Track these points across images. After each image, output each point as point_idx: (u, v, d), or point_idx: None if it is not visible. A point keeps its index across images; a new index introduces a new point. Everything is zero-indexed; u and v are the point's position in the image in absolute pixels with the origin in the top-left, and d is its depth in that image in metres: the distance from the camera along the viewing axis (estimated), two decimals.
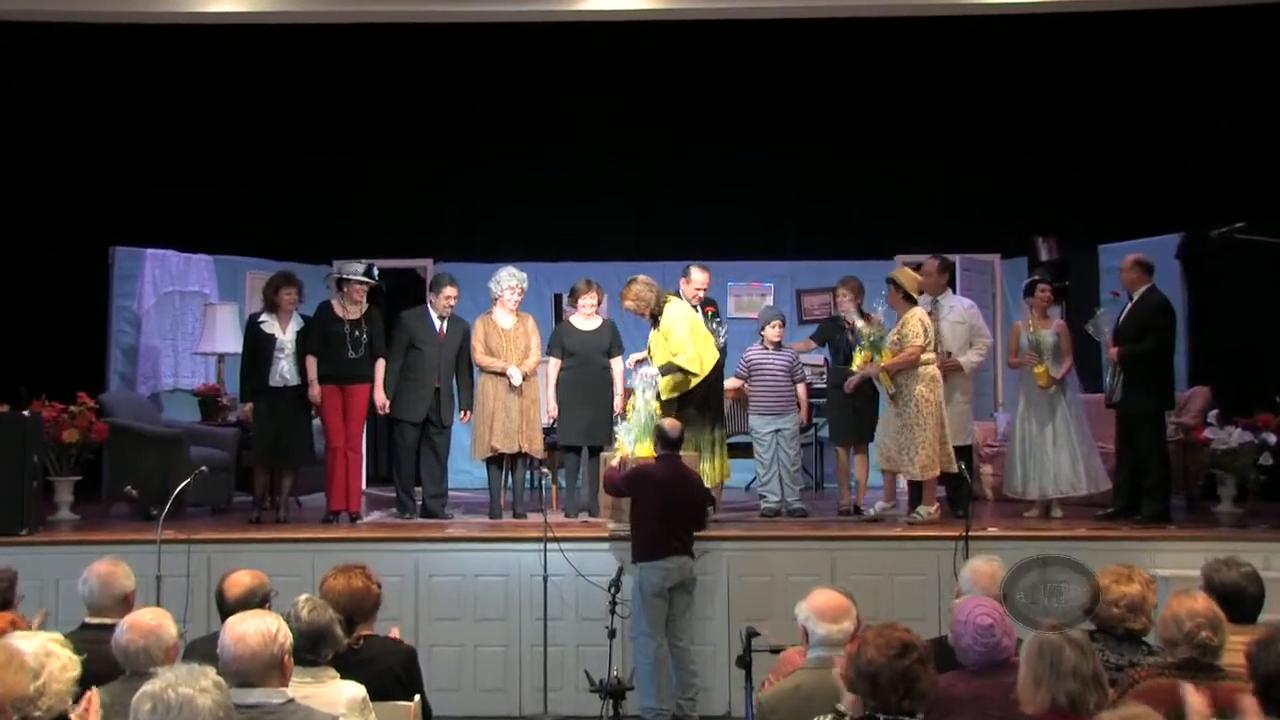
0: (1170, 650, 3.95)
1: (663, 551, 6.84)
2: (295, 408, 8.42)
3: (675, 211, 11.79)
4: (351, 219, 11.57)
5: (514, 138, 11.47)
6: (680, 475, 7.06)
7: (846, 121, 11.44)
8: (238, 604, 4.44)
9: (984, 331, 8.83)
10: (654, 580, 6.82)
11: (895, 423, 8.06)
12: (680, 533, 6.91)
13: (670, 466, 7.05)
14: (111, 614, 4.46)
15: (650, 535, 6.91)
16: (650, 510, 6.95)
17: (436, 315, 8.74)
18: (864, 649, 3.51)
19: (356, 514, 8.55)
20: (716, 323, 8.63)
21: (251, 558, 6.36)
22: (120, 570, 4.70)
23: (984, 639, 3.93)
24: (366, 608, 4.72)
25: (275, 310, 8.43)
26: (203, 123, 10.79)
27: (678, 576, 6.86)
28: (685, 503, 7.00)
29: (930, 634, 4.04)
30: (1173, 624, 3.93)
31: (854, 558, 7.57)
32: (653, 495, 6.95)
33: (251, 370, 8.44)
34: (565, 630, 7.39)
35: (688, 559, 6.93)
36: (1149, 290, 8.24)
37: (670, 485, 6.97)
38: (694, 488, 7.16)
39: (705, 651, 7.39)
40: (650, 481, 7.01)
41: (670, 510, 6.92)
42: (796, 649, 4.42)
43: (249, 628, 3.67)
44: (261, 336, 8.38)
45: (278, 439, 8.37)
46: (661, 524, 6.89)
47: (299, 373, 8.38)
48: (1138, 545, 7.39)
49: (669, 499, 6.93)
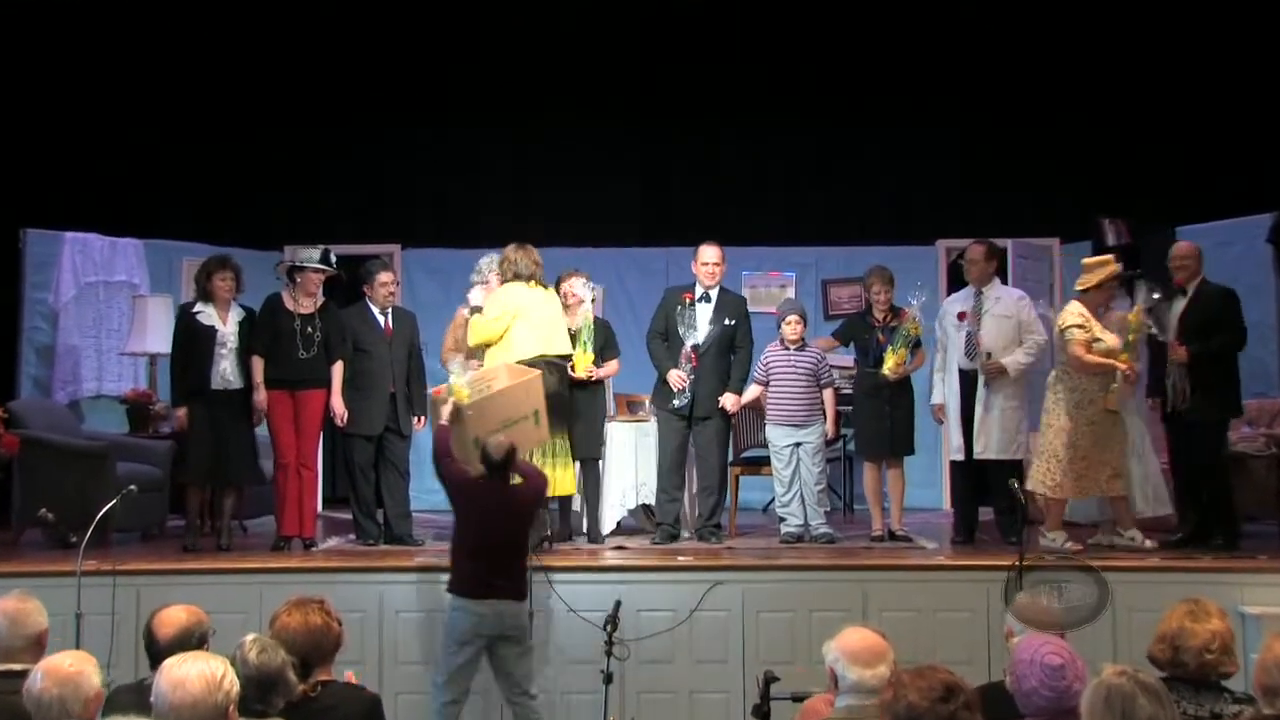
0: (1269, 699, 3.94)
1: (479, 590, 6.60)
2: (238, 416, 8.41)
3: (682, 190, 11.84)
4: (305, 198, 11.60)
5: (497, 106, 11.51)
6: (506, 505, 6.77)
7: (877, 87, 11.49)
8: (172, 645, 4.42)
9: (1035, 327, 8.70)
10: (461, 624, 6.62)
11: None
12: (503, 572, 6.63)
13: (495, 492, 6.76)
14: (22, 659, 4.44)
15: (464, 568, 6.71)
16: (467, 537, 6.75)
17: (377, 310, 8.75)
18: (902, 692, 3.49)
19: (311, 540, 8.56)
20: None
21: (188, 591, 6.37)
22: (32, 607, 4.66)
23: (1053, 682, 3.91)
24: (326, 648, 4.72)
25: (210, 299, 8.41)
26: (131, 87, 10.80)
27: (494, 626, 6.61)
28: (510, 535, 6.73)
29: (978, 679, 4.04)
30: (1276, 669, 3.92)
31: (889, 591, 7.56)
32: (472, 520, 6.74)
33: (187, 369, 8.41)
34: (552, 675, 7.38)
35: (512, 604, 6.66)
36: (1203, 282, 8.26)
37: (496, 512, 6.73)
38: (522, 512, 6.86)
39: (714, 700, 7.39)
40: (469, 502, 6.80)
41: (488, 545, 6.66)
42: (822, 697, 4.41)
43: (190, 671, 3.65)
44: (198, 329, 8.34)
45: (217, 453, 8.36)
46: (477, 559, 6.65)
47: (243, 374, 8.38)
48: (1221, 578, 7.35)
49: (490, 529, 6.69)
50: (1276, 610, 6.52)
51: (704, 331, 8.69)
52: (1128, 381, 8.09)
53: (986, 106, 11.29)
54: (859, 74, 11.45)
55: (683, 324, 8.69)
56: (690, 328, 8.68)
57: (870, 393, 8.76)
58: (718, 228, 9.62)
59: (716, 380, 8.67)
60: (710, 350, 8.67)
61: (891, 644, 4.32)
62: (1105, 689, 3.47)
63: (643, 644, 7.26)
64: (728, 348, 8.74)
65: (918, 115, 11.42)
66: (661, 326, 8.83)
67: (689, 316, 8.70)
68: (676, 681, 7.48)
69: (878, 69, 11.45)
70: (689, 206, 11.69)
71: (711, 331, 8.69)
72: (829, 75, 11.46)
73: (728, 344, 8.73)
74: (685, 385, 8.61)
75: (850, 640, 4.23)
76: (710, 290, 8.79)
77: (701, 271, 8.80)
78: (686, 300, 8.78)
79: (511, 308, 8.20)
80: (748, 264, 11.85)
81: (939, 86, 11.38)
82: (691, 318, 8.71)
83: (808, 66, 11.45)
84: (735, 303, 8.89)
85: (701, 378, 8.64)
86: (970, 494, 8.83)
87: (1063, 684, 3.90)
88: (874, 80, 11.48)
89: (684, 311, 8.72)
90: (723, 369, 8.70)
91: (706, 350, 8.67)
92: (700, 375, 8.64)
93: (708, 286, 8.79)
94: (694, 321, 8.70)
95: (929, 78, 11.39)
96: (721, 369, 8.70)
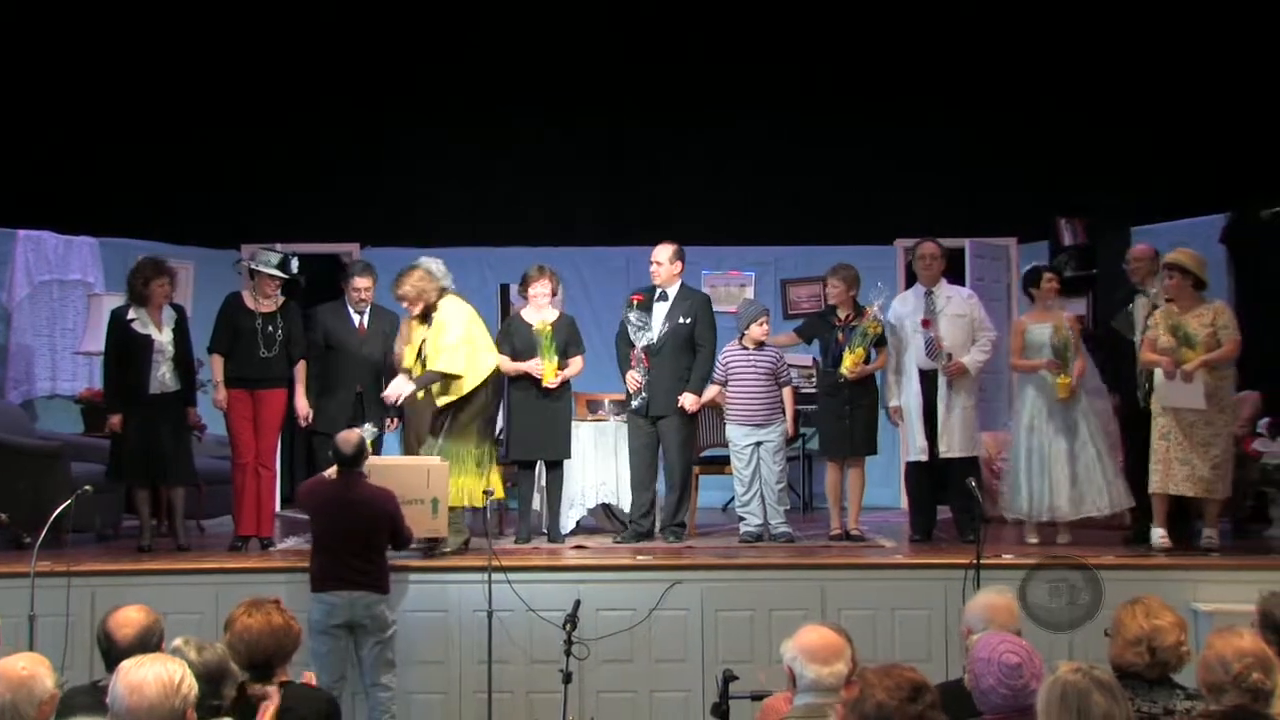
0: (1215, 696, 3.98)
1: (331, 583, 6.83)
2: (174, 418, 8.39)
3: (642, 189, 11.84)
4: (262, 196, 11.52)
5: (457, 106, 11.49)
6: (350, 497, 7.00)
7: (836, 87, 11.53)
8: (132, 646, 4.41)
9: (987, 324, 8.85)
10: (315, 616, 6.79)
11: (1204, 432, 7.85)
12: (350, 563, 6.85)
13: (342, 487, 7.03)
14: None
15: (318, 564, 6.94)
16: (316, 534, 7.04)
17: (354, 309, 8.79)
18: (869, 691, 3.50)
19: (269, 540, 8.52)
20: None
21: (143, 592, 6.34)
22: None
23: (1010, 680, 3.94)
24: (289, 648, 4.74)
25: (145, 304, 8.36)
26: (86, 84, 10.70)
27: (346, 614, 6.81)
28: (353, 530, 6.93)
29: (936, 677, 4.07)
30: (1218, 666, 3.95)
31: (848, 590, 7.58)
32: (322, 518, 7.01)
33: (122, 377, 8.34)
34: (513, 674, 7.39)
35: (363, 594, 6.85)
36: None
37: (338, 508, 6.96)
38: (365, 510, 7.02)
39: (673, 699, 7.41)
40: (317, 501, 7.06)
41: (334, 539, 6.91)
42: (781, 695, 4.43)
43: (147, 675, 3.63)
44: (133, 338, 8.29)
45: (150, 453, 8.29)
46: (327, 553, 6.91)
47: (180, 378, 8.37)
48: (1175, 575, 7.44)
49: (333, 524, 6.94)
50: (1227, 607, 6.58)
51: (657, 331, 8.70)
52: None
53: (945, 107, 11.35)
54: (818, 74, 11.49)
55: (632, 326, 8.70)
56: (641, 329, 8.69)
57: (830, 392, 8.76)
58: (677, 227, 9.64)
59: (673, 380, 8.63)
60: (665, 349, 8.66)
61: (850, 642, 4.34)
62: (1060, 686, 3.49)
63: (602, 643, 7.30)
64: (685, 346, 8.69)
65: (877, 116, 11.48)
66: (624, 329, 8.83)
67: (640, 317, 8.71)
68: (636, 680, 7.48)
69: (837, 69, 11.49)
70: (649, 206, 11.69)
71: (665, 330, 8.69)
72: (788, 75, 11.49)
73: (685, 343, 8.69)
74: (640, 386, 8.62)
75: (807, 638, 4.24)
76: (667, 289, 8.79)
77: (650, 270, 8.82)
78: (635, 302, 8.78)
79: (462, 328, 8.12)
80: (707, 263, 11.88)
81: (898, 87, 11.43)
82: (644, 318, 8.71)
83: (767, 67, 11.47)
84: (694, 300, 8.83)
85: (655, 378, 8.63)
86: (930, 494, 8.88)
87: (1019, 682, 3.93)
88: (833, 80, 11.52)
89: (631, 313, 8.73)
90: (681, 367, 8.66)
91: (660, 349, 8.65)
92: (654, 375, 8.63)
93: (658, 285, 8.78)
94: (647, 322, 8.71)
95: (888, 78, 11.44)
96: (680, 367, 8.66)
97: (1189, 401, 7.76)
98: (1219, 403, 7.80)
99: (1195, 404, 7.73)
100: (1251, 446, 8.90)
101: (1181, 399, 7.79)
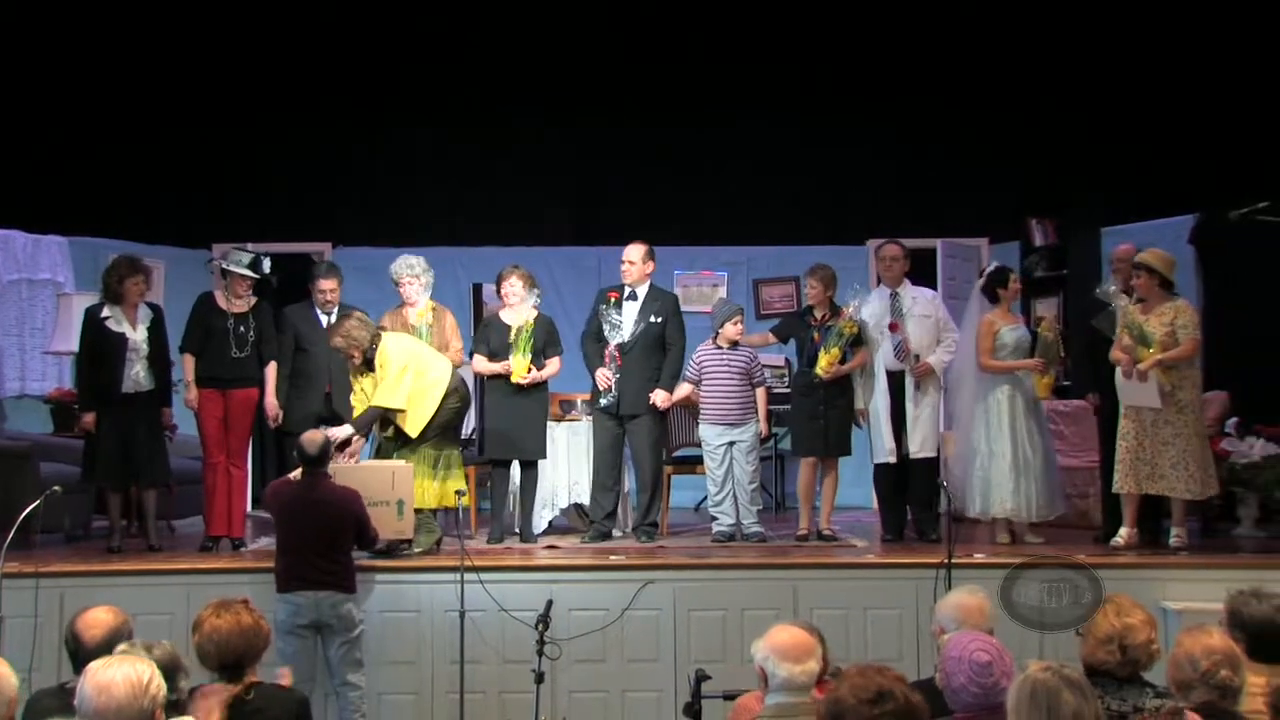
0: (1183, 694, 4.00)
1: (296, 584, 6.87)
2: (148, 418, 8.36)
3: (614, 189, 11.85)
4: (235, 196, 11.47)
5: (430, 106, 11.46)
6: (314, 498, 7.04)
7: (808, 87, 11.54)
8: (101, 647, 4.39)
9: (950, 324, 8.91)
10: (281, 616, 6.81)
11: (1164, 431, 7.85)
12: (315, 563, 6.90)
13: (304, 488, 7.08)
14: None
15: (283, 564, 6.98)
16: (279, 536, 7.08)
17: (320, 311, 8.79)
18: (839, 685, 3.53)
19: (240, 540, 8.49)
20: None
21: (112, 593, 6.31)
22: None
23: (981, 678, 3.96)
24: (259, 647, 4.74)
25: (119, 302, 8.32)
26: (54, 83, 10.63)
27: (311, 614, 6.85)
28: (317, 530, 6.96)
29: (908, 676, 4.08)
30: (1186, 664, 3.98)
31: (820, 589, 7.60)
32: (286, 518, 7.05)
33: (95, 375, 8.31)
34: (485, 675, 7.38)
35: (329, 594, 6.89)
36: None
37: (302, 508, 7.01)
38: (329, 510, 7.04)
39: (645, 699, 7.42)
40: (281, 501, 7.11)
41: (299, 539, 6.95)
42: (753, 694, 4.45)
43: (115, 675, 3.61)
44: (108, 336, 8.25)
45: (125, 454, 8.25)
46: (291, 553, 6.95)
47: (154, 377, 8.32)
48: (1145, 574, 7.48)
49: (297, 524, 6.98)
50: (1196, 605, 6.61)
51: (629, 330, 8.70)
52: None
53: (917, 107, 11.37)
54: (790, 74, 11.50)
55: (607, 323, 8.70)
56: (615, 327, 8.69)
57: (805, 392, 8.77)
58: (650, 227, 9.63)
59: (643, 379, 8.64)
60: (636, 348, 8.66)
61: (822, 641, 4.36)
62: (1030, 684, 3.50)
63: (574, 643, 7.29)
64: (656, 345, 8.70)
65: (849, 115, 11.51)
66: (594, 327, 8.83)
67: (613, 316, 8.71)
68: (608, 680, 7.49)
69: (809, 69, 11.50)
70: (621, 206, 11.68)
71: (637, 329, 8.69)
72: (760, 76, 11.49)
73: (656, 342, 8.70)
74: (611, 384, 8.62)
75: (779, 637, 4.26)
76: (636, 288, 8.79)
77: (622, 269, 8.82)
78: (611, 299, 8.79)
79: (403, 360, 8.02)
80: (680, 263, 11.90)
81: (870, 87, 11.45)
82: (617, 317, 8.72)
83: (740, 68, 11.48)
84: (664, 300, 8.85)
85: (626, 376, 8.63)
86: (899, 493, 8.90)
87: (990, 680, 3.95)
88: (805, 80, 11.53)
89: (608, 311, 8.73)
90: (651, 367, 8.67)
91: (632, 348, 8.66)
92: (625, 374, 8.63)
93: (629, 284, 8.79)
94: (619, 321, 8.72)
95: (861, 79, 11.45)
96: (650, 367, 8.67)
97: (1145, 400, 7.81)
98: (1178, 402, 7.80)
99: (1151, 402, 7.78)
100: (1220, 446, 8.94)
101: (1138, 397, 7.85)
